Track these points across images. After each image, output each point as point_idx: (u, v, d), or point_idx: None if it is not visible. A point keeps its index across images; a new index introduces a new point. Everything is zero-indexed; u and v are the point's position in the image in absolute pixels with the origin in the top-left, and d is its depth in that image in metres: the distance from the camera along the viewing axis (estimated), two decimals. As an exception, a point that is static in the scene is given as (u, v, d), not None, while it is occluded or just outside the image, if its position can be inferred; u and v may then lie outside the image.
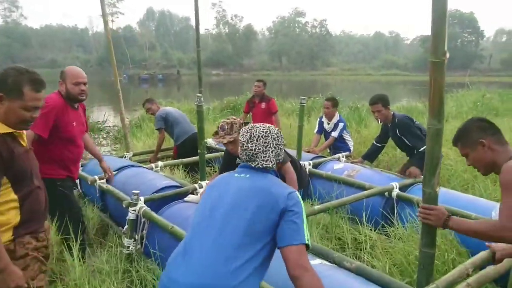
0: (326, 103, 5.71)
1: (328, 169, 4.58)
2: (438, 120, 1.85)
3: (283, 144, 1.97)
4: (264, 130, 1.91)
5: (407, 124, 4.12)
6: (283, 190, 1.77)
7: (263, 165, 1.86)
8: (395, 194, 3.71)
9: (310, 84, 45.43)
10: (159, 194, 3.56)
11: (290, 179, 2.99)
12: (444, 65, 1.79)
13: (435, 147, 1.89)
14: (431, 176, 1.92)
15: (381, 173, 4.36)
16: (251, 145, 1.86)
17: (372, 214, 3.72)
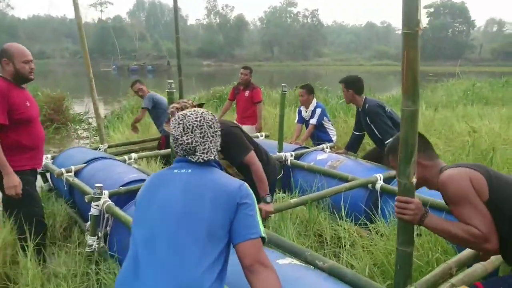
0: (301, 90, 5.49)
1: (311, 160, 4.36)
2: (413, 100, 1.62)
3: (220, 130, 1.78)
4: (197, 118, 1.69)
5: (377, 113, 3.98)
6: (233, 182, 1.61)
7: (204, 158, 1.67)
8: (379, 186, 3.51)
9: (301, 74, 45.14)
10: (125, 188, 3.32)
11: (256, 170, 2.73)
12: (418, 37, 1.56)
13: (409, 132, 1.66)
14: (406, 165, 1.70)
15: (366, 164, 4.15)
16: (187, 138, 1.65)
17: (354, 208, 3.51)
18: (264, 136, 5.57)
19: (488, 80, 15.99)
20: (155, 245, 1.50)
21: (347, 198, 3.50)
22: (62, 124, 9.14)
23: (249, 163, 2.75)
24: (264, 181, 2.75)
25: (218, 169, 1.72)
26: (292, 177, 4.33)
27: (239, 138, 2.76)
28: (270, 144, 4.88)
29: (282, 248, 2.39)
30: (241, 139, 2.77)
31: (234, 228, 1.53)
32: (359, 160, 4.31)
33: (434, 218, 1.78)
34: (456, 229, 1.72)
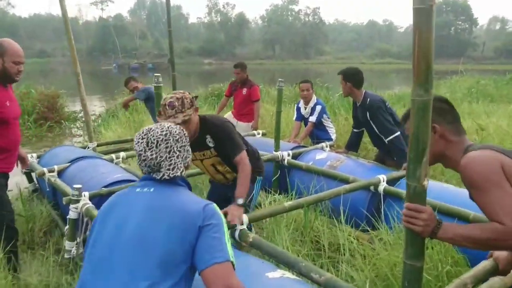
0: (305, 85, 5.16)
1: (309, 160, 4.10)
2: (425, 89, 1.36)
3: (188, 144, 1.65)
4: (162, 132, 1.55)
5: (378, 108, 3.71)
6: (197, 204, 1.47)
7: (170, 175, 1.53)
8: (382, 188, 3.25)
9: (303, 72, 44.78)
10: (107, 189, 3.07)
11: (243, 171, 2.50)
12: (432, 13, 1.31)
13: (421, 126, 1.39)
14: (416, 165, 1.44)
15: (368, 164, 3.90)
16: (151, 154, 1.52)
17: (354, 212, 3.26)
18: (261, 134, 5.32)
19: (493, 78, 15.68)
20: (107, 268, 1.34)
21: (347, 201, 3.25)
22: (56, 122, 8.91)
23: (239, 162, 2.53)
24: (246, 185, 2.51)
25: (184, 189, 1.58)
26: (289, 177, 4.08)
27: (233, 135, 2.59)
28: (267, 142, 4.63)
29: (274, 258, 2.15)
30: (235, 136, 2.60)
31: (197, 254, 1.37)
32: (360, 160, 4.05)
33: (448, 227, 1.50)
34: (478, 233, 1.44)
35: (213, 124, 2.56)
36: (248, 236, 2.32)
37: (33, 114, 8.58)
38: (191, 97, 2.45)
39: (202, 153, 2.66)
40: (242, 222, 2.33)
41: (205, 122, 2.57)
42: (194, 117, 2.44)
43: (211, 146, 2.60)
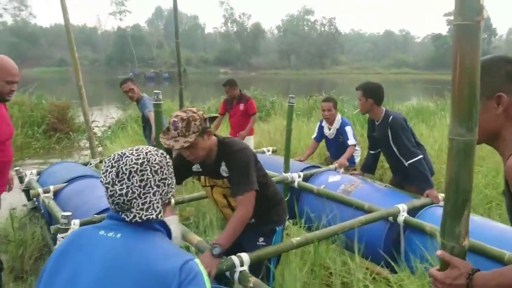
0: (326, 104, 4.59)
1: (321, 183, 3.80)
2: (468, 127, 1.07)
3: (171, 175, 1.29)
4: (138, 160, 1.20)
5: (402, 127, 3.38)
6: (173, 260, 1.11)
7: (142, 217, 1.18)
8: (402, 219, 2.93)
9: (318, 83, 44.53)
10: (99, 216, 2.82)
11: (239, 216, 2.08)
12: (479, 31, 1.02)
13: (462, 172, 1.10)
14: (455, 221, 1.14)
15: (386, 189, 3.57)
16: (121, 188, 1.17)
17: (370, 245, 2.95)
18: (271, 151, 5.04)
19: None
20: None
21: (362, 232, 2.94)
22: (65, 133, 8.79)
23: (239, 203, 2.11)
24: (235, 232, 2.09)
25: (160, 236, 1.22)
26: (300, 201, 3.78)
27: (248, 168, 2.14)
28: (276, 161, 4.35)
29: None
30: (250, 169, 2.15)
31: None
32: (377, 184, 3.73)
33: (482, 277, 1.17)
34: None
35: (229, 149, 2.16)
36: (248, 281, 2.04)
37: (42, 125, 8.49)
38: (202, 118, 2.05)
39: (213, 180, 2.27)
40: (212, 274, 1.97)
41: (223, 146, 2.18)
42: (202, 142, 2.06)
43: (225, 175, 2.18)
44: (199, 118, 2.03)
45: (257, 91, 11.87)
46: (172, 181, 1.29)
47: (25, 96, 9.79)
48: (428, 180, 3.29)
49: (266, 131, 7.36)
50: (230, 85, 5.56)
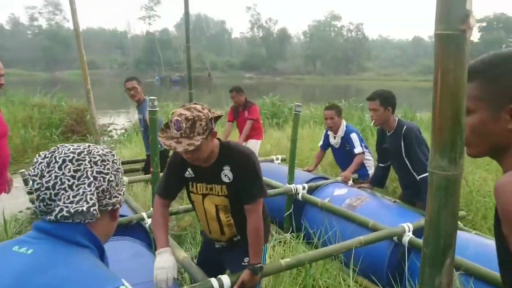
0: (328, 112, 4.24)
1: (327, 195, 3.62)
2: (450, 158, 0.89)
3: (119, 176, 1.06)
4: (76, 150, 1.00)
5: (417, 138, 3.15)
6: (94, 285, 0.86)
7: (70, 211, 0.93)
8: (407, 239, 2.72)
9: (344, 88, 44.04)
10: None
11: (255, 223, 1.95)
12: (464, 42, 0.85)
13: (443, 213, 0.92)
14: (435, 270, 0.96)
15: (394, 206, 3.35)
16: (48, 178, 0.95)
17: (373, 264, 2.75)
18: (280, 160, 4.88)
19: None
20: None
21: (365, 251, 2.75)
22: (83, 135, 8.88)
23: (252, 213, 1.95)
24: (261, 242, 1.99)
25: (85, 254, 0.95)
26: (303, 215, 3.61)
27: (260, 175, 1.99)
28: (283, 171, 4.18)
29: None
30: (260, 176, 2.00)
31: None
32: (385, 199, 3.51)
33: None
34: None
35: (237, 152, 1.96)
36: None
37: (60, 127, 8.60)
38: (208, 119, 1.80)
39: (209, 186, 2.01)
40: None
41: (228, 148, 1.97)
42: (206, 144, 1.84)
43: (226, 181, 1.97)
44: (205, 118, 1.78)
45: (276, 97, 11.71)
46: (118, 183, 1.05)
47: (46, 98, 9.97)
48: None
49: (279, 139, 7.19)
50: (237, 91, 5.49)
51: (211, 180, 1.99)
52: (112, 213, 1.06)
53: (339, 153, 4.39)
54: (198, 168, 1.98)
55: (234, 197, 1.98)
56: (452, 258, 0.96)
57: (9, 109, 8.43)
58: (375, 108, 3.25)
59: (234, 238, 2.13)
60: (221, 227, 2.09)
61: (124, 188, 1.10)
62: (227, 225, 2.08)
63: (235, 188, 1.96)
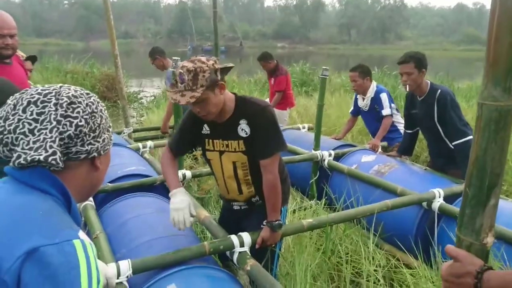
0: (352, 74, 4.00)
1: (354, 162, 3.50)
2: (505, 87, 0.81)
3: (88, 121, 0.91)
4: (43, 91, 0.89)
5: (452, 102, 2.95)
6: (33, 233, 0.75)
7: (27, 159, 0.83)
8: (437, 205, 2.60)
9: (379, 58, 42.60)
10: (113, 185, 2.76)
11: (272, 181, 1.88)
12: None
13: (491, 148, 0.85)
14: (476, 211, 0.90)
15: (425, 173, 3.21)
16: (10, 122, 0.86)
17: (402, 233, 2.65)
18: (307, 128, 4.76)
19: None
20: None
21: (393, 218, 2.66)
22: (114, 102, 9.03)
23: (268, 168, 1.88)
24: (279, 199, 1.93)
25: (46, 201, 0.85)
26: (329, 182, 3.52)
27: (278, 129, 1.90)
28: (310, 138, 4.08)
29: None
30: (279, 130, 1.92)
31: None
32: (416, 167, 3.36)
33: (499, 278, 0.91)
34: None
35: (254, 105, 1.88)
36: (246, 263, 1.87)
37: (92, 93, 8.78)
38: (213, 70, 1.72)
39: (226, 142, 1.95)
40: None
41: (243, 103, 1.90)
42: (213, 97, 1.77)
43: (243, 136, 1.89)
44: (208, 69, 1.71)
45: (306, 65, 11.45)
46: (93, 128, 0.92)
47: (79, 65, 10.15)
48: None
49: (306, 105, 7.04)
50: (264, 60, 5.46)
51: (227, 136, 1.93)
52: (92, 162, 0.95)
53: (369, 116, 4.11)
54: (214, 124, 1.93)
55: (253, 152, 1.91)
56: (497, 200, 0.89)
57: (43, 76, 8.65)
58: (409, 71, 3.03)
59: (252, 199, 2.08)
60: (239, 185, 2.04)
61: (107, 134, 0.97)
62: (245, 183, 2.02)
63: (253, 141, 1.88)
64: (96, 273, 0.76)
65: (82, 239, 0.78)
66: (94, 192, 1.02)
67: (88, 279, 0.73)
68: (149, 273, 1.77)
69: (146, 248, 1.96)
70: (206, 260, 1.93)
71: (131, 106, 9.21)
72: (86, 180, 0.95)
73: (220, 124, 1.91)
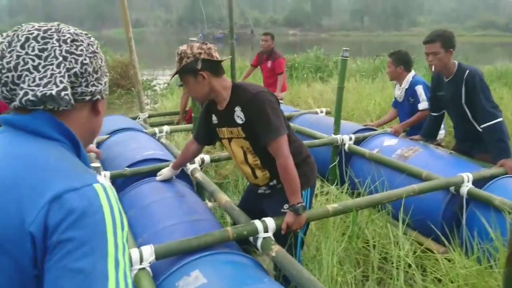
0: (388, 60, 3.92)
1: (375, 146, 3.41)
2: None
3: (92, 61, 0.85)
4: (42, 27, 0.82)
5: (481, 82, 2.83)
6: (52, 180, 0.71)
7: (37, 95, 0.77)
8: (466, 190, 2.50)
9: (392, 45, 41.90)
10: (131, 169, 2.73)
11: (284, 165, 1.86)
12: None
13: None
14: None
15: (449, 157, 3.10)
16: (8, 59, 0.78)
17: (429, 219, 2.57)
18: (324, 112, 4.67)
19: None
20: None
21: (418, 203, 2.57)
22: (127, 89, 9.01)
23: (275, 152, 1.87)
24: (295, 181, 1.88)
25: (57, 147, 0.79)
26: (349, 167, 3.44)
27: (271, 112, 1.86)
28: (328, 122, 3.99)
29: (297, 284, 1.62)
30: (274, 113, 1.88)
31: None
32: (440, 151, 3.26)
33: None
34: None
35: (246, 92, 1.91)
36: (271, 249, 1.81)
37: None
38: (196, 58, 1.83)
39: (230, 129, 2.01)
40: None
41: (237, 90, 1.95)
42: (194, 83, 1.89)
43: (240, 123, 1.93)
44: (191, 57, 1.84)
45: (320, 51, 11.27)
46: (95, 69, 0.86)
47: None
48: (506, 148, 2.78)
49: (323, 92, 6.93)
50: (271, 36, 5.55)
51: (229, 123, 2.00)
52: (93, 106, 0.89)
53: (402, 108, 3.86)
54: (219, 112, 2.02)
55: (253, 138, 1.95)
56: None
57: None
58: (436, 51, 2.90)
59: (270, 183, 2.07)
60: (252, 170, 2.08)
61: (106, 78, 0.91)
62: (257, 168, 2.05)
63: (249, 128, 1.92)
64: (119, 217, 0.73)
65: (102, 183, 0.75)
66: (94, 139, 0.97)
67: (112, 222, 0.72)
68: (171, 259, 1.73)
69: (168, 233, 1.94)
70: (229, 246, 1.89)
71: (145, 93, 9.18)
72: (87, 125, 0.89)
73: (221, 112, 2.00)
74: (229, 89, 1.95)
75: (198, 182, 2.70)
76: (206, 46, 1.89)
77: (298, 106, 6.38)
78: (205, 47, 1.88)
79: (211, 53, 1.87)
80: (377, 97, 5.87)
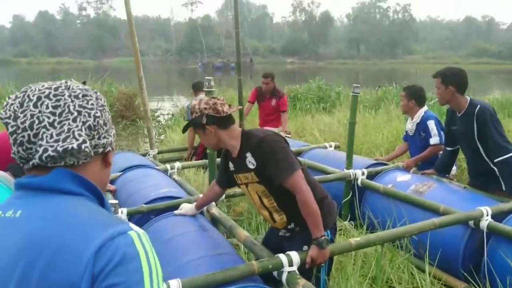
0: (401, 93, 3.92)
1: (389, 181, 3.41)
2: None
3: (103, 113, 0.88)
4: (52, 86, 0.85)
5: (492, 117, 2.90)
6: (92, 234, 0.73)
7: (58, 150, 0.79)
8: (486, 224, 2.50)
9: (389, 73, 42.53)
10: (148, 206, 2.73)
11: (304, 200, 1.87)
12: None
13: None
14: None
15: (465, 192, 3.11)
16: (23, 119, 0.80)
17: (448, 255, 2.55)
18: (333, 147, 4.69)
19: None
20: None
21: (437, 239, 2.56)
22: (132, 121, 9.06)
23: (293, 188, 1.89)
24: (316, 214, 1.89)
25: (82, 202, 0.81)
26: (363, 202, 3.43)
27: (281, 152, 1.92)
28: (339, 157, 4.01)
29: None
30: (284, 152, 1.94)
31: None
32: (454, 185, 3.27)
33: None
34: None
35: (253, 137, 1.99)
36: (297, 282, 1.80)
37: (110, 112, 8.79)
38: (201, 114, 1.97)
39: (245, 175, 2.08)
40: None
41: (246, 136, 2.04)
42: (201, 135, 2.10)
43: (252, 168, 2.00)
44: (199, 112, 1.99)
45: (322, 81, 11.42)
46: (105, 121, 0.88)
47: (96, 84, 10.25)
48: None
49: (329, 124, 6.97)
50: (272, 78, 5.52)
51: (243, 169, 2.06)
52: (104, 158, 0.91)
53: (413, 142, 3.82)
54: (233, 160, 2.10)
55: (266, 181, 1.99)
56: None
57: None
58: (437, 86, 3.08)
59: (288, 226, 2.09)
60: (270, 214, 2.12)
61: (113, 130, 0.94)
62: (274, 210, 2.08)
63: (262, 172, 1.97)
64: (154, 262, 0.76)
65: (135, 230, 0.77)
66: (105, 190, 0.97)
67: (148, 268, 0.74)
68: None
69: (193, 267, 1.95)
70: (253, 280, 1.89)
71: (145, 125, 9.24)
72: (99, 177, 0.90)
73: (235, 159, 2.08)
74: (238, 137, 2.05)
75: (213, 218, 2.70)
76: (212, 101, 2.00)
77: (303, 138, 6.42)
78: (211, 103, 1.99)
79: (216, 108, 1.97)
80: (384, 130, 5.90)
